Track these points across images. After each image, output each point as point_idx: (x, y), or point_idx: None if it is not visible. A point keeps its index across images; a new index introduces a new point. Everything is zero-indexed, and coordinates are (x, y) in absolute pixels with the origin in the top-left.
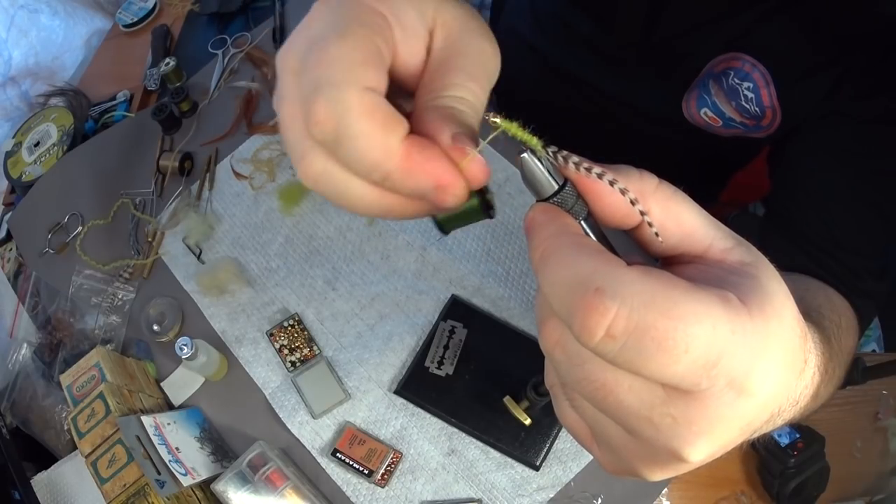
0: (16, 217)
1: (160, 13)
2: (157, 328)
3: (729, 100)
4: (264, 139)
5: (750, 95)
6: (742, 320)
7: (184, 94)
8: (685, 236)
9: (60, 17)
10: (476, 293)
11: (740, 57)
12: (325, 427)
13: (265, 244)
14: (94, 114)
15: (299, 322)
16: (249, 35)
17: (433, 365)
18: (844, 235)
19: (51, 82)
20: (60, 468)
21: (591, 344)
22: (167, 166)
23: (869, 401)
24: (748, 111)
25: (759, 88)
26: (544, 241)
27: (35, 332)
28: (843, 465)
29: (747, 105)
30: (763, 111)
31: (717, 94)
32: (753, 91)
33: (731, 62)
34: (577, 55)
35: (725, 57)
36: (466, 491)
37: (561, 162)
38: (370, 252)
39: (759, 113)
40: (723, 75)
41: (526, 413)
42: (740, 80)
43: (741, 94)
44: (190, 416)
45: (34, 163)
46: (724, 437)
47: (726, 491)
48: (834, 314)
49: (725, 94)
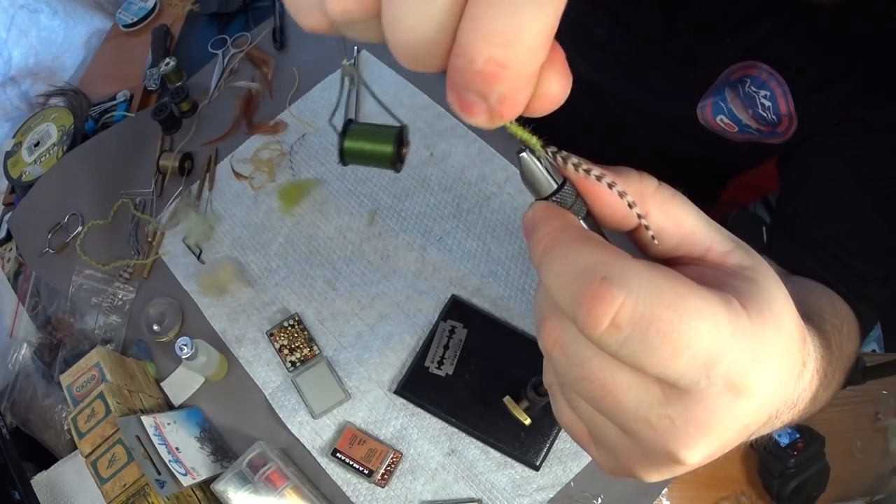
0: (16, 217)
1: (160, 13)
2: (157, 328)
3: (745, 107)
4: (264, 139)
5: (767, 104)
6: (742, 323)
7: (184, 94)
8: (684, 239)
9: (60, 17)
10: (476, 293)
11: (757, 65)
12: (325, 427)
13: (265, 244)
14: (94, 114)
15: (299, 322)
16: (249, 35)
17: (433, 365)
18: (853, 240)
19: (51, 82)
20: (60, 468)
21: (595, 334)
22: (167, 166)
23: (869, 401)
24: (765, 118)
25: (777, 97)
26: (547, 236)
27: (35, 332)
28: (843, 465)
29: (764, 113)
30: (780, 118)
31: (734, 101)
32: (770, 99)
33: (748, 70)
34: (591, 59)
35: (742, 65)
36: (466, 491)
37: (560, 162)
38: (370, 252)
39: (775, 120)
40: (739, 83)
41: (526, 413)
42: (757, 88)
43: (758, 102)
44: (190, 416)
45: (34, 163)
46: (720, 439)
47: (726, 491)
48: (836, 319)
49: (742, 101)
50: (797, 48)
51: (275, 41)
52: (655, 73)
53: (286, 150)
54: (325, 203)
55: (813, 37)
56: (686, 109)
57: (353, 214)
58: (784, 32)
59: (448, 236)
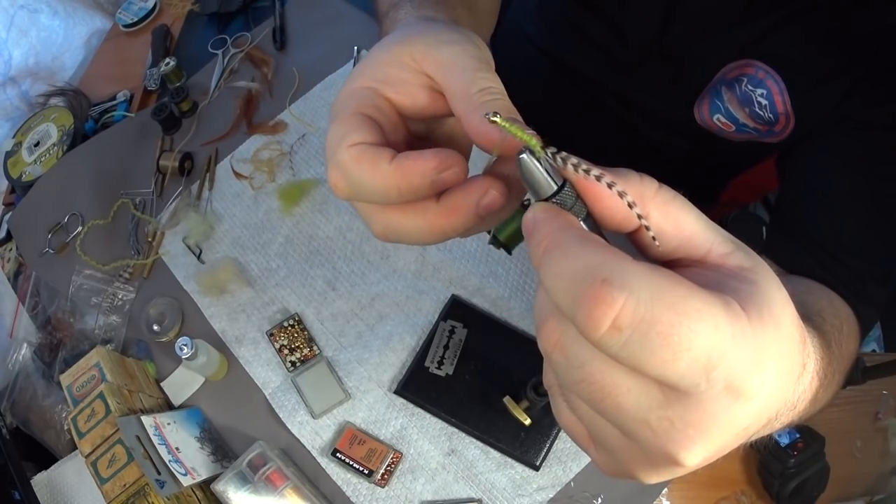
0: (16, 217)
1: (160, 13)
2: (157, 328)
3: (742, 106)
4: (264, 139)
5: (764, 102)
6: (742, 325)
7: (184, 94)
8: (684, 240)
9: (60, 17)
10: (476, 293)
11: (753, 64)
12: (325, 427)
13: (265, 244)
14: (94, 114)
15: (299, 322)
16: (249, 35)
17: (433, 365)
18: (852, 240)
19: (51, 82)
20: (60, 468)
21: (595, 336)
22: (167, 166)
23: (869, 401)
24: (762, 117)
25: (773, 95)
26: (547, 236)
27: (35, 332)
28: (843, 465)
29: (761, 112)
30: (777, 117)
31: (731, 100)
32: (767, 98)
33: (744, 69)
34: (587, 58)
35: (738, 63)
36: (466, 491)
37: (560, 163)
38: (370, 252)
39: (772, 119)
40: (736, 82)
41: (526, 413)
42: (753, 87)
43: (754, 101)
44: (190, 416)
45: (34, 163)
46: (720, 441)
47: (726, 491)
48: (836, 319)
49: (738, 100)
50: (794, 45)
51: (275, 41)
52: (651, 73)
53: (286, 150)
54: (325, 203)
55: (810, 33)
56: (683, 109)
57: (353, 214)
58: (781, 28)
59: None
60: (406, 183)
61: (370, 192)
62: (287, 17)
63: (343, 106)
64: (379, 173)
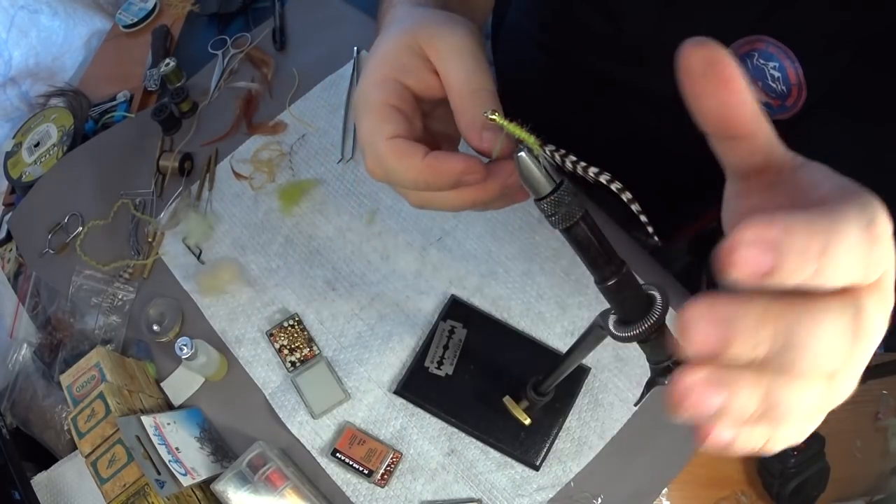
0: (16, 217)
1: (160, 13)
2: (157, 328)
3: (755, 80)
4: (264, 139)
5: (777, 74)
6: None
7: (184, 94)
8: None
9: (60, 18)
10: (476, 293)
11: (763, 38)
12: (325, 427)
13: (265, 244)
14: (94, 114)
15: (299, 322)
16: (249, 35)
17: (433, 365)
18: None
19: (51, 83)
20: (60, 468)
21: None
22: (167, 166)
23: (869, 401)
24: (775, 90)
25: (786, 67)
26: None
27: (35, 332)
28: (843, 465)
29: (774, 84)
30: (789, 89)
31: None
32: (780, 70)
33: (754, 44)
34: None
35: (748, 39)
36: (466, 491)
37: (558, 160)
38: (370, 252)
39: (784, 91)
40: (747, 57)
41: (526, 413)
42: (765, 61)
43: (767, 74)
44: (190, 416)
45: (34, 163)
46: None
47: (726, 491)
48: None
49: (751, 74)
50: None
51: (275, 41)
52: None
53: (286, 151)
54: (324, 203)
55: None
56: None
57: (352, 214)
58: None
59: (448, 236)
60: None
61: (402, 180)
62: (287, 18)
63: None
64: (412, 167)
